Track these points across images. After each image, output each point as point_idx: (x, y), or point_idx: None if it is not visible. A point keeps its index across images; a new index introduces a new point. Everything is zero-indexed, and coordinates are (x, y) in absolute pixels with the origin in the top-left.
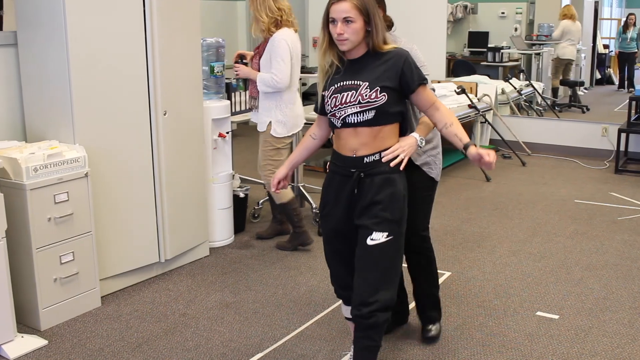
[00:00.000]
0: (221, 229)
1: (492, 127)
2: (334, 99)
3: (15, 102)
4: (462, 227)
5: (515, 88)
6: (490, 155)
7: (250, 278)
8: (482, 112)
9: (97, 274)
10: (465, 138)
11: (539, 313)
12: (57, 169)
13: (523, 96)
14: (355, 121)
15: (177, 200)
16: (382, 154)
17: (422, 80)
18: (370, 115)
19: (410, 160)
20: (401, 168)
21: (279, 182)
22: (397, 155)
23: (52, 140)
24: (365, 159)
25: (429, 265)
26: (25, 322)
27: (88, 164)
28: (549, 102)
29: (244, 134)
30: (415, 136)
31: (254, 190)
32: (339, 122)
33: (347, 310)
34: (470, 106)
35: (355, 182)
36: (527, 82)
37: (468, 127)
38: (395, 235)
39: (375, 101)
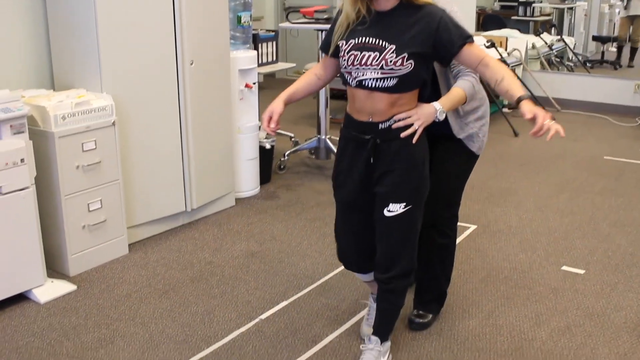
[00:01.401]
0: (247, 180)
1: (522, 82)
2: (352, 57)
3: (43, 50)
4: (488, 182)
5: (546, 43)
6: (543, 118)
7: (276, 228)
8: (512, 66)
9: (125, 221)
10: (517, 91)
11: (564, 267)
12: (85, 117)
13: (554, 51)
14: (373, 86)
15: (203, 150)
16: (395, 117)
17: (466, 39)
18: (391, 82)
19: (448, 131)
20: (414, 140)
21: (271, 119)
22: (411, 124)
23: (80, 88)
24: (380, 125)
25: (446, 249)
26: (54, 268)
27: (115, 112)
28: (580, 58)
29: (270, 87)
30: (435, 106)
31: (280, 142)
32: (354, 82)
33: (361, 276)
34: (499, 60)
35: (371, 150)
36: (559, 37)
37: None
38: (414, 205)
39: (400, 69)
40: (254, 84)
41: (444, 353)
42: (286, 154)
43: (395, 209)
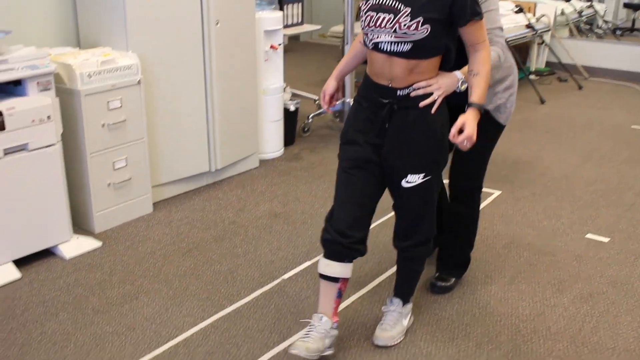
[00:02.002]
0: (271, 141)
1: (550, 48)
2: (369, 17)
3: (69, 9)
4: (514, 149)
5: (575, 9)
6: (465, 135)
7: (299, 190)
8: (540, 32)
9: (149, 180)
10: (477, 97)
11: (588, 235)
12: (111, 75)
13: (583, 18)
14: (388, 50)
15: (228, 110)
16: (414, 85)
17: (475, 16)
18: (406, 47)
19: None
20: (433, 110)
21: (331, 98)
22: (430, 93)
23: (106, 47)
24: (399, 91)
25: (470, 220)
26: (80, 225)
27: (141, 71)
28: (610, 25)
29: (294, 49)
30: (457, 75)
31: (304, 104)
32: (370, 44)
33: (327, 266)
34: (527, 26)
35: (387, 114)
36: (589, 3)
37: (524, 48)
38: (433, 175)
39: (414, 34)
40: (279, 45)
41: (465, 316)
42: (310, 117)
43: (413, 179)
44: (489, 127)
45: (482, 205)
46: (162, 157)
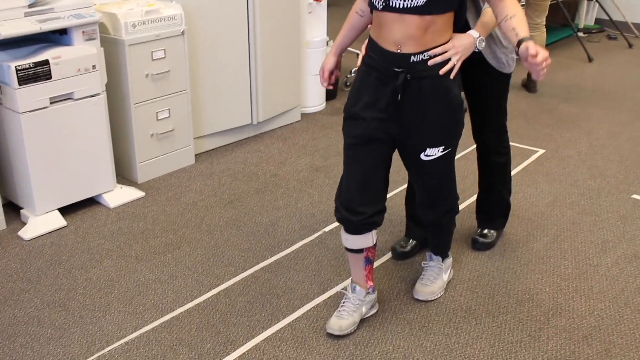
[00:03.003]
0: (313, 95)
1: (600, 4)
2: None
3: None
4: (559, 107)
5: None
6: (541, 57)
7: (341, 144)
8: None
9: (192, 132)
10: (523, 32)
11: (634, 196)
12: (155, 25)
13: None
14: (402, 6)
15: (270, 63)
16: (430, 53)
17: None
18: (420, 1)
19: (476, 55)
20: (452, 76)
21: (330, 74)
22: (449, 59)
23: None
24: (412, 57)
25: (504, 166)
26: (123, 175)
27: (185, 22)
28: None
29: (337, 3)
30: (473, 35)
31: (347, 58)
32: (380, 3)
33: (347, 240)
34: None
35: (400, 85)
36: None
37: (573, 4)
38: (453, 147)
39: None
40: None
41: (506, 273)
42: (352, 71)
43: (433, 153)
44: (495, 76)
45: (525, 163)
46: (204, 109)
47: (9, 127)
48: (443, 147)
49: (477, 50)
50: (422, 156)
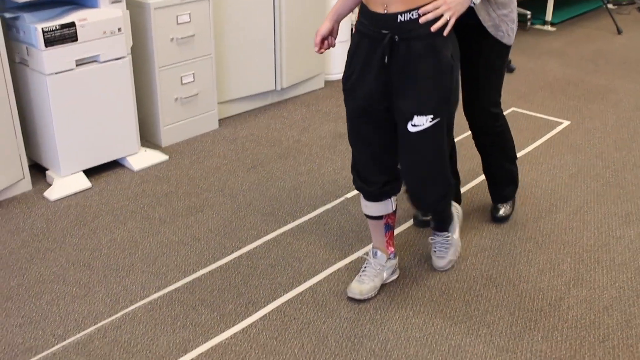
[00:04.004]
0: (337, 62)
1: None
2: None
3: None
4: (586, 79)
5: None
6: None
7: None
8: None
9: (216, 96)
10: None
11: None
12: None
13: None
14: None
15: (295, 29)
16: (421, 10)
17: None
18: None
19: (474, 20)
20: (445, 33)
21: (323, 40)
22: (441, 16)
23: None
24: (399, 16)
25: (502, 142)
26: (147, 138)
27: None
28: None
29: None
30: None
31: None
32: None
33: (367, 207)
34: None
35: (387, 47)
36: None
37: None
38: (443, 117)
39: None
40: None
41: (528, 243)
42: None
43: (420, 122)
44: (492, 46)
45: (549, 135)
46: (228, 74)
47: (35, 89)
48: (432, 115)
49: (472, 5)
50: (410, 127)
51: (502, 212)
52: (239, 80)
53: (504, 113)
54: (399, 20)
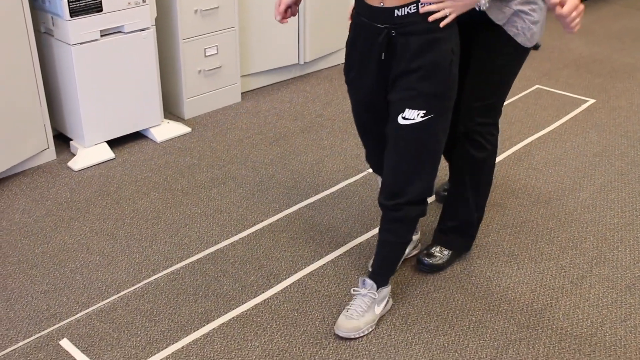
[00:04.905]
0: None
1: None
2: None
3: None
4: (612, 57)
5: None
6: (568, 7)
7: None
8: None
9: (239, 69)
10: None
11: None
12: None
13: None
14: None
15: (319, 3)
16: (421, 10)
17: None
18: None
19: (484, 19)
20: (441, 25)
21: (287, 9)
22: (441, 8)
23: None
24: (395, 11)
25: (482, 164)
26: (170, 110)
27: None
28: None
29: None
30: None
31: None
32: None
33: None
34: None
35: (383, 43)
36: None
37: None
38: (436, 114)
39: None
40: None
41: (550, 221)
42: None
43: (411, 116)
44: (504, 45)
45: (573, 113)
46: (252, 47)
47: (60, 59)
48: (424, 111)
49: (478, 9)
50: (400, 119)
51: (433, 259)
52: (262, 53)
53: (528, 91)
54: (395, 14)
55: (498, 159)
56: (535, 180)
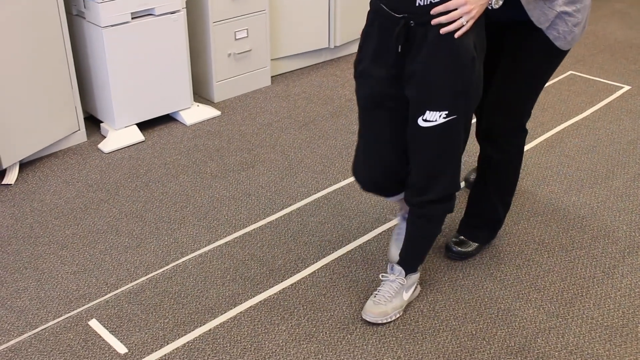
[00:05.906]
0: None
1: None
2: None
3: None
4: None
5: None
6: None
7: None
8: None
9: (269, 53)
10: None
11: None
12: None
13: None
14: None
15: None
16: (433, 11)
17: None
18: None
19: (524, 17)
20: (456, 35)
21: None
22: (457, 17)
23: None
24: (417, 0)
25: (505, 172)
26: (200, 94)
27: None
28: None
29: None
30: None
31: None
32: None
33: (385, 197)
34: None
35: (401, 34)
36: None
37: None
38: (460, 114)
39: None
40: None
41: (582, 209)
42: None
43: (433, 118)
44: (541, 46)
45: (607, 100)
46: (282, 31)
47: (91, 41)
48: (447, 111)
49: (490, 8)
50: (420, 121)
51: (469, 248)
52: (293, 37)
53: (561, 77)
54: (417, 3)
55: (529, 146)
56: (568, 168)
